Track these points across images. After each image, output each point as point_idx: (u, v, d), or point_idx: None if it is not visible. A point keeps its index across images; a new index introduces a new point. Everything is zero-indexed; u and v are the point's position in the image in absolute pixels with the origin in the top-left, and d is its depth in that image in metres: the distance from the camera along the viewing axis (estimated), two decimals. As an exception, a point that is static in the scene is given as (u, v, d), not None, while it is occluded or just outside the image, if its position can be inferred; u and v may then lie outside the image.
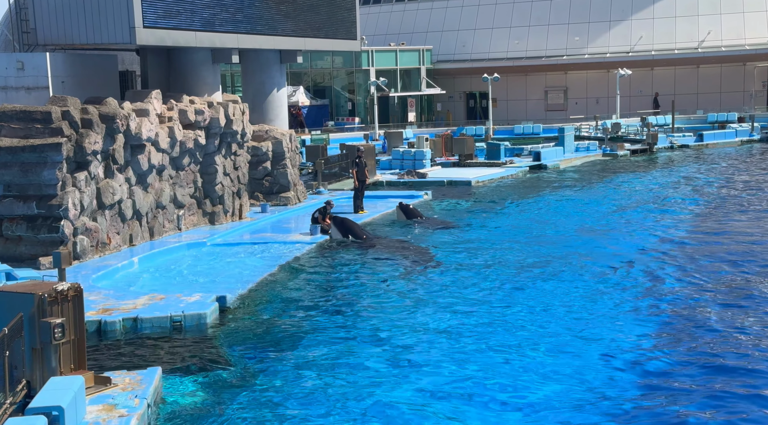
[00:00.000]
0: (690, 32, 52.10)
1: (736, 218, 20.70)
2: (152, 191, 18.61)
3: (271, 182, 23.96)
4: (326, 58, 54.66)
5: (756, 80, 52.78)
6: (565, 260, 16.33)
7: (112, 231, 17.27)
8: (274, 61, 24.72)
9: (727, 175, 29.49)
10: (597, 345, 11.25)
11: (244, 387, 10.11)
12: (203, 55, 21.50)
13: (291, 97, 48.70)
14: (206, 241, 18.65)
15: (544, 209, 23.33)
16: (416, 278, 15.42)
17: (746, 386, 9.67)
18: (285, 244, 18.49)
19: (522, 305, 13.28)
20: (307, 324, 12.73)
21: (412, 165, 32.15)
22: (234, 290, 14.25)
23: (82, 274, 15.01)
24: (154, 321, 12.53)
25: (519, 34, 55.71)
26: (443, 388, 9.89)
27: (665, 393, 9.55)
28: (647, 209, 22.74)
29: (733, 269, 15.21)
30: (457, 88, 58.10)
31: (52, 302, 8.99)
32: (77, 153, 16.21)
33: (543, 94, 56.68)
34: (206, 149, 20.43)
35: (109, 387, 9.38)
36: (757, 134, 43.09)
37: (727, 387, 9.62)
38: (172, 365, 10.91)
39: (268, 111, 24.75)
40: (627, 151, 38.49)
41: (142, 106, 18.22)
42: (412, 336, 11.88)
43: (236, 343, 11.93)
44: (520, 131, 47.70)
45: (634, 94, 52.95)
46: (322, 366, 10.76)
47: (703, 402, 9.24)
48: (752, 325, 11.92)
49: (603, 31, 53.88)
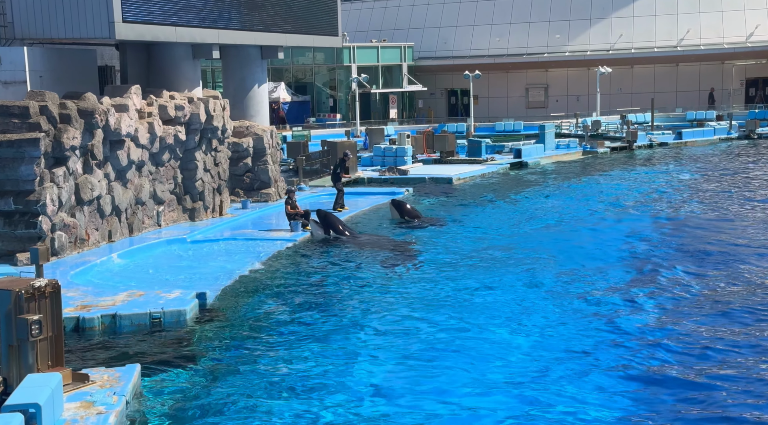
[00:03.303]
0: (669, 31, 52.50)
1: (712, 217, 20.90)
2: (131, 187, 18.48)
3: (251, 178, 23.88)
4: (307, 55, 54.53)
5: (734, 79, 53.28)
6: (547, 256, 16.41)
7: (91, 227, 17.14)
8: (255, 57, 24.62)
9: (705, 173, 29.77)
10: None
11: (224, 384, 10.08)
12: (183, 51, 21.36)
13: (272, 93, 48.53)
14: (186, 237, 18.55)
15: (525, 206, 23.45)
16: (398, 274, 15.42)
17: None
18: (266, 240, 18.44)
19: (501, 304, 13.32)
20: (287, 320, 12.70)
21: (394, 162, 32.16)
22: (214, 286, 14.18)
23: (60, 270, 14.88)
24: (133, 318, 12.45)
25: (500, 31, 55.86)
26: (425, 381, 9.90)
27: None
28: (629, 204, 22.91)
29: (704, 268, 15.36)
30: (438, 85, 58.19)
31: (29, 299, 8.91)
32: (55, 148, 16.06)
33: (524, 91, 56.89)
34: (186, 144, 20.31)
35: (87, 384, 9.31)
36: (735, 132, 43.49)
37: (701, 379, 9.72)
38: (151, 362, 10.84)
39: (249, 107, 24.65)
40: (607, 148, 38.72)
41: (121, 101, 18.08)
42: (392, 330, 11.88)
43: (216, 340, 11.89)
44: (501, 129, 47.87)
45: (614, 92, 53.28)
46: (302, 361, 10.74)
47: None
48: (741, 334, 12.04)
49: (583, 29, 54.17)
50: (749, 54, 51.79)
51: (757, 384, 9.63)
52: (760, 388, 9.50)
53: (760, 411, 8.91)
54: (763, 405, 9.05)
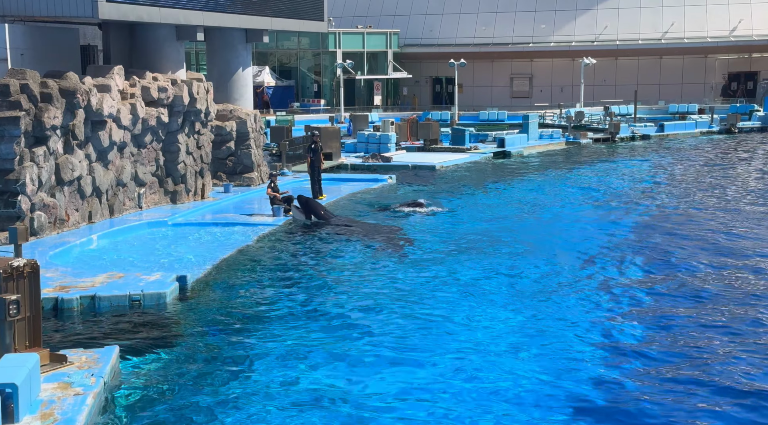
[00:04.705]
0: (654, 23, 52.69)
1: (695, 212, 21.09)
2: (113, 169, 18.34)
3: (234, 162, 23.77)
4: (293, 39, 54.25)
5: (717, 73, 53.61)
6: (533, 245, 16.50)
7: (71, 208, 17.00)
8: (239, 41, 24.45)
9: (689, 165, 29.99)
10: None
11: (203, 367, 10.07)
12: (167, 32, 21.17)
13: (256, 77, 48.25)
14: (167, 220, 18.45)
15: (508, 194, 23.53)
16: (379, 258, 15.44)
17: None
18: (247, 225, 18.38)
19: (484, 290, 13.39)
20: (267, 305, 12.70)
21: (377, 149, 32.14)
22: (195, 269, 14.14)
23: (39, 251, 14.77)
24: (113, 300, 12.38)
25: (486, 20, 55.81)
26: (407, 369, 9.94)
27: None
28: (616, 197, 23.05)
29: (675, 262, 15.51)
30: (423, 73, 58.12)
31: (7, 279, 8.83)
32: (36, 128, 15.89)
33: (509, 81, 56.95)
34: (169, 127, 20.17)
35: (65, 365, 9.26)
36: (716, 126, 43.82)
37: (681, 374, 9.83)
38: (130, 344, 10.80)
39: (232, 91, 24.50)
40: (590, 139, 38.90)
41: (103, 81, 17.91)
42: (372, 314, 11.91)
43: (195, 323, 11.86)
44: (485, 118, 47.94)
45: (598, 83, 53.48)
46: (281, 345, 10.75)
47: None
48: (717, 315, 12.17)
49: (569, 19, 54.24)
50: (732, 48, 52.14)
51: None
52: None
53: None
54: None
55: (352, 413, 8.71)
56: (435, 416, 8.65)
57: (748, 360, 10.10)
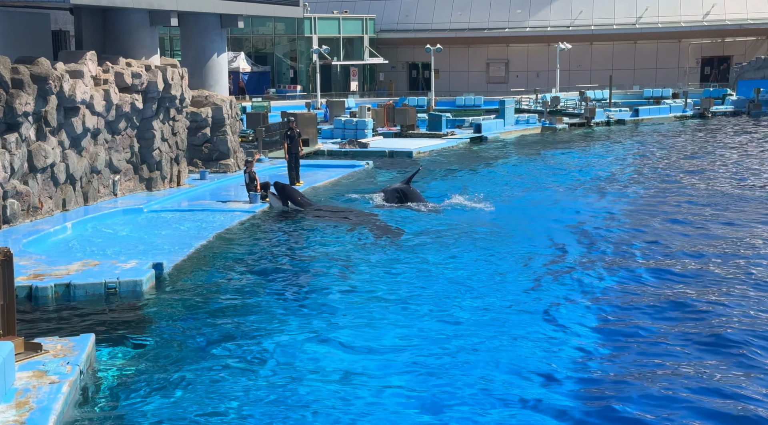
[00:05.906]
0: (628, 8, 52.96)
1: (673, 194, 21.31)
2: (86, 155, 18.16)
3: (210, 148, 23.62)
4: (268, 24, 53.88)
5: (690, 57, 54.05)
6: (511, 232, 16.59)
7: (44, 195, 16.82)
8: (214, 26, 24.24)
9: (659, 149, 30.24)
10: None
11: (179, 355, 10.03)
12: (140, 17, 20.94)
13: (232, 63, 47.91)
14: (143, 207, 18.32)
15: (486, 178, 23.62)
16: (357, 244, 15.45)
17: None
18: (224, 212, 18.30)
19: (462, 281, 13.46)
20: (244, 292, 12.67)
21: (354, 135, 32.08)
22: (171, 257, 14.06)
23: (13, 238, 14.61)
24: (88, 288, 12.29)
25: (462, 5, 55.78)
26: (383, 339, 9.98)
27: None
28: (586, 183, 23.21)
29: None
30: (399, 59, 58.04)
31: (-20, 267, 8.74)
32: (7, 114, 15.68)
33: (485, 66, 57.04)
34: (143, 113, 19.99)
35: (40, 354, 9.19)
36: (690, 110, 44.23)
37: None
38: (106, 332, 10.74)
39: (208, 77, 24.31)
40: (565, 124, 39.11)
41: (76, 67, 17.69)
42: (350, 302, 11.93)
43: (172, 311, 11.81)
44: (462, 103, 48.03)
45: (573, 68, 53.71)
46: (259, 331, 10.74)
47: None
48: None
49: (544, 5, 54.35)
50: (705, 33, 52.58)
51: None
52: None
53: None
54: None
55: (332, 398, 8.74)
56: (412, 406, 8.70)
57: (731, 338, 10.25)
